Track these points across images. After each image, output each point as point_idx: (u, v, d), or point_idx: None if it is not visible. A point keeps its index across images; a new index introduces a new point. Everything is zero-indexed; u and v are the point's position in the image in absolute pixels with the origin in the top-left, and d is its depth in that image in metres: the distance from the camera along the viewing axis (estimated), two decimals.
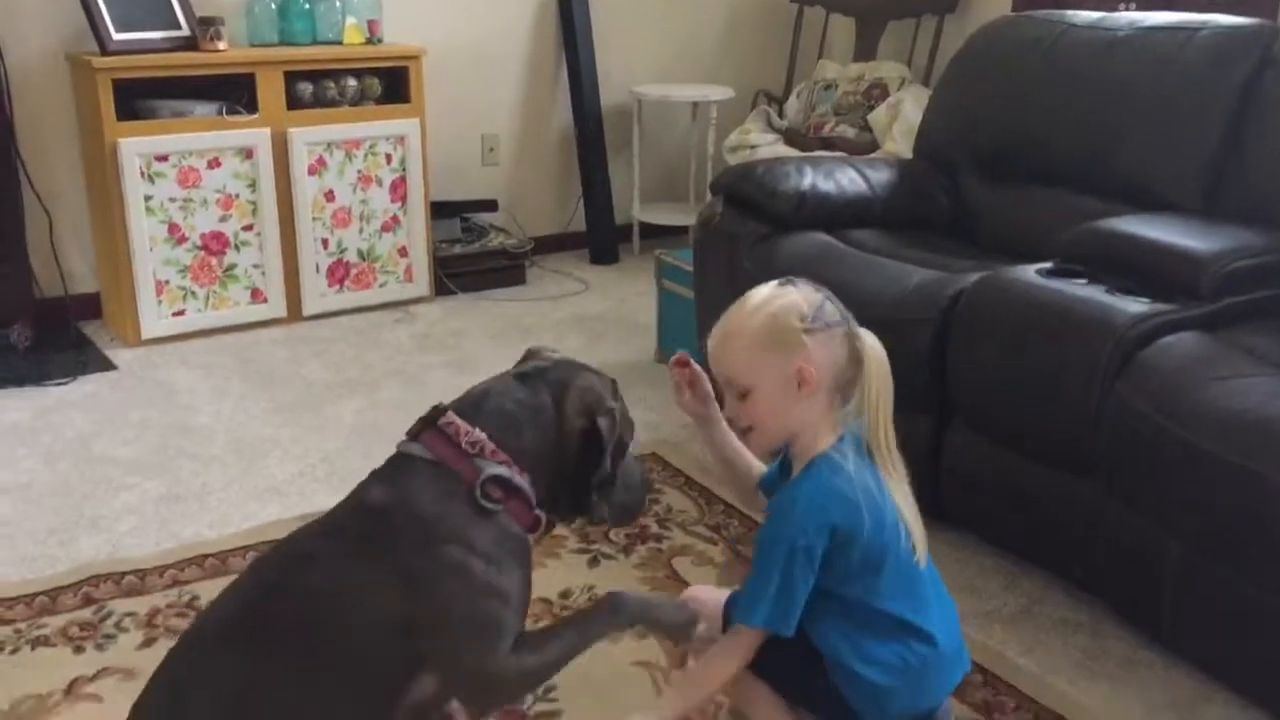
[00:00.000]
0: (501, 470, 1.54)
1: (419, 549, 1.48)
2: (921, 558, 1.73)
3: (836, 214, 3.09)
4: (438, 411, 1.59)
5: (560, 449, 1.60)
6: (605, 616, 1.64)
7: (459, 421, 1.57)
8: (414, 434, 1.58)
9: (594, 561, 2.54)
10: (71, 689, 2.11)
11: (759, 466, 1.92)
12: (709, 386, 1.88)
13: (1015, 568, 2.50)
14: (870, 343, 1.74)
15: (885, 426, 1.73)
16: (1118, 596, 2.31)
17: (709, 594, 1.95)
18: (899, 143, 4.12)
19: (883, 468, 1.73)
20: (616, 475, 1.68)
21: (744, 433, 1.77)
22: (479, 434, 1.56)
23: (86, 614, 2.33)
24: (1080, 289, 2.35)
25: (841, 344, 1.71)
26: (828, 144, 4.34)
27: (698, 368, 1.88)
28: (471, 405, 1.60)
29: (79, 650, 2.22)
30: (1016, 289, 2.42)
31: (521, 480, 1.55)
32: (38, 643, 2.24)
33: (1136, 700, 2.12)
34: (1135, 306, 2.27)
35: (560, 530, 2.65)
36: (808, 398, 1.69)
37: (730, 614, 1.76)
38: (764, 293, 1.73)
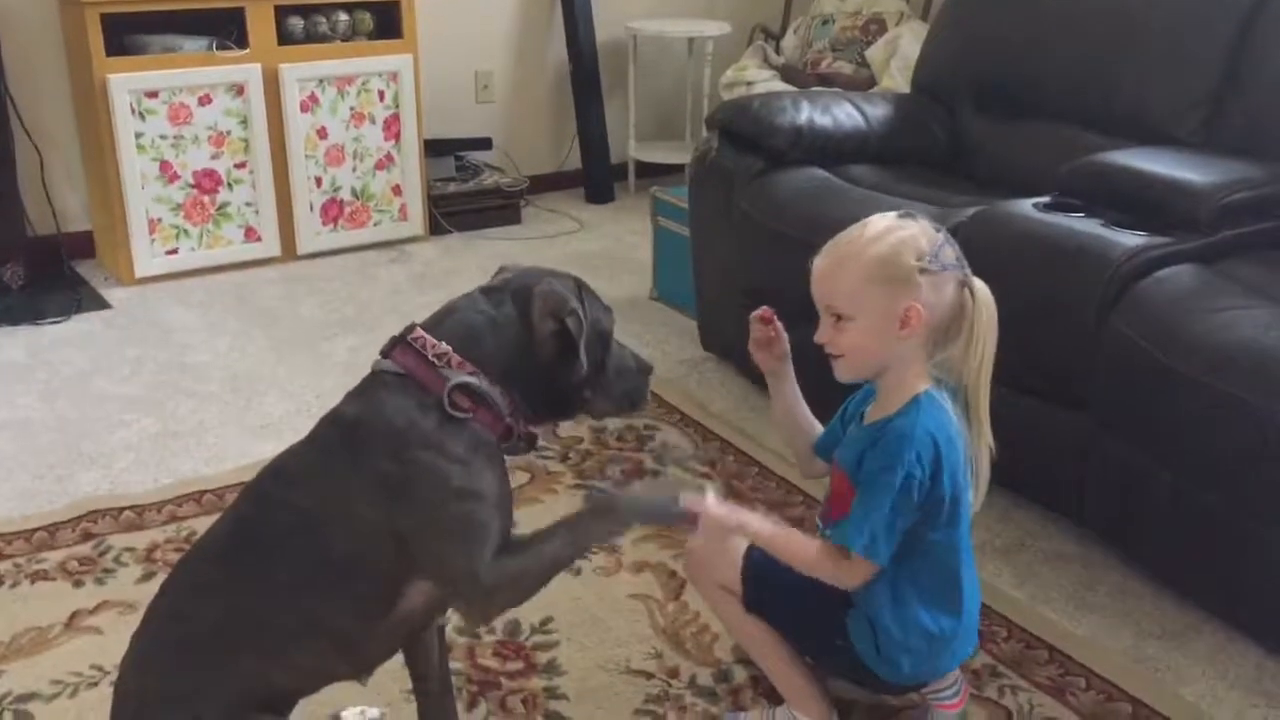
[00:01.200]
0: (469, 379, 1.54)
1: (391, 456, 1.49)
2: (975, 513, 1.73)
3: (833, 149, 3.07)
4: (408, 329, 1.60)
5: (531, 355, 1.59)
6: (599, 518, 1.62)
7: (426, 335, 1.57)
8: (385, 351, 1.60)
9: (590, 498, 2.55)
10: (72, 621, 2.13)
11: (818, 427, 1.89)
12: (787, 345, 1.84)
13: (1008, 501, 2.51)
14: (983, 294, 1.67)
15: (985, 383, 1.68)
16: (1109, 529, 2.33)
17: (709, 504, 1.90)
18: (897, 78, 4.08)
19: (973, 425, 1.70)
20: (607, 366, 1.67)
21: (832, 359, 1.71)
22: (444, 346, 1.56)
23: (85, 549, 2.35)
24: (1077, 222, 2.34)
25: (954, 290, 1.65)
26: (825, 80, 4.30)
27: (779, 325, 1.83)
28: (436, 320, 1.60)
29: (78, 584, 2.24)
30: (1013, 223, 2.41)
31: (489, 388, 1.55)
32: (37, 577, 2.26)
33: (1127, 630, 2.15)
34: (1132, 239, 2.26)
35: (556, 467, 2.67)
36: (908, 338, 1.64)
37: (829, 533, 1.71)
38: (885, 222, 1.66)
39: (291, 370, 3.25)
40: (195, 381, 3.18)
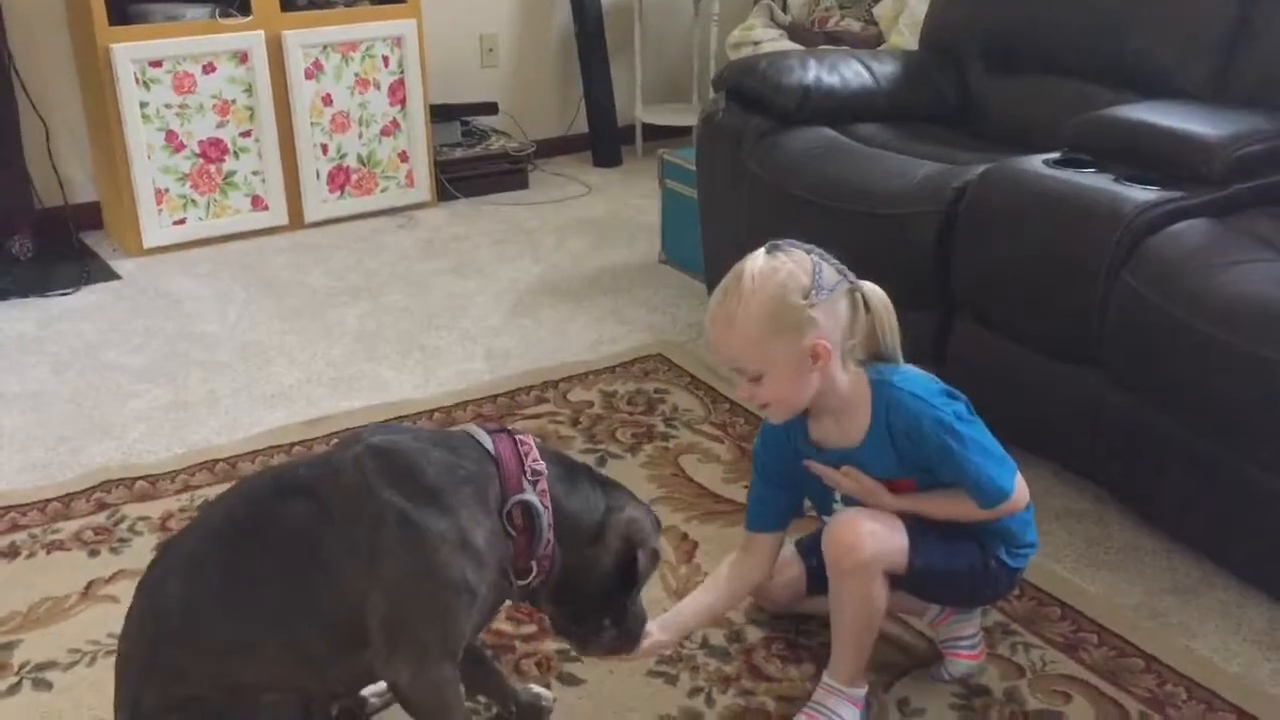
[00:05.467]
0: (539, 505, 1.55)
1: (418, 499, 1.48)
2: None
3: (841, 108, 3.04)
4: (517, 431, 1.63)
5: (587, 552, 1.61)
6: None
7: (534, 448, 1.60)
8: (491, 430, 1.61)
9: (601, 461, 2.55)
10: (88, 591, 2.14)
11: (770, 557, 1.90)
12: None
13: (1019, 459, 2.48)
14: (875, 296, 1.69)
15: (899, 357, 1.74)
16: (1121, 485, 2.33)
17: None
18: (905, 35, 4.04)
19: None
20: (628, 610, 1.69)
21: (762, 408, 1.73)
22: (543, 466, 1.58)
23: (100, 519, 2.36)
24: (1088, 178, 2.32)
25: (844, 301, 1.67)
26: (833, 38, 4.26)
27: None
28: (548, 451, 1.63)
29: (94, 554, 2.25)
30: (1023, 179, 2.39)
31: (546, 529, 1.56)
32: (53, 547, 2.27)
33: (1138, 585, 2.15)
34: (1143, 194, 2.24)
35: (567, 431, 2.67)
36: (825, 368, 1.66)
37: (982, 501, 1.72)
38: (757, 268, 1.64)
39: (301, 339, 3.25)
40: (205, 351, 3.18)
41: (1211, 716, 1.81)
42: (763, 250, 1.67)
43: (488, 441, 1.58)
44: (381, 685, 1.79)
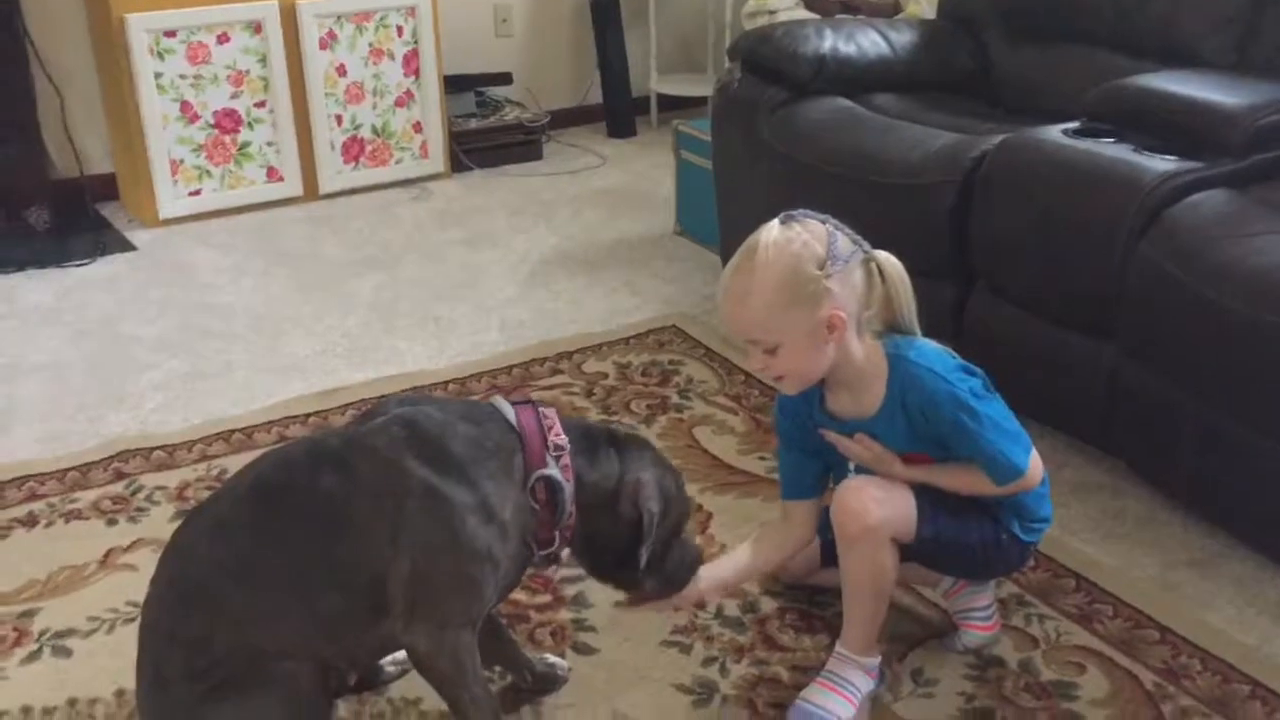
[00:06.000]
0: (561, 480, 1.58)
1: (446, 473, 1.50)
2: None
3: (858, 78, 3.02)
4: (540, 403, 1.65)
5: (609, 512, 1.64)
6: None
7: (557, 421, 1.61)
8: (514, 402, 1.63)
9: None
10: (107, 559, 2.16)
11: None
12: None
13: (1035, 431, 2.46)
14: (890, 266, 1.67)
15: (916, 329, 1.73)
16: (1137, 457, 2.32)
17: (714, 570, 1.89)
18: (923, 4, 3.99)
19: None
20: (668, 556, 1.71)
21: (776, 380, 1.72)
22: (565, 440, 1.60)
23: (118, 488, 2.38)
24: (1107, 148, 2.30)
25: (859, 271, 1.65)
26: (849, 8, 4.22)
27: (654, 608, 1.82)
28: (569, 422, 1.64)
29: (112, 523, 2.27)
30: (1042, 149, 2.37)
31: (569, 500, 1.59)
32: (71, 516, 2.29)
33: (1154, 558, 2.15)
34: (1163, 164, 2.22)
35: (583, 403, 2.68)
36: (840, 339, 1.65)
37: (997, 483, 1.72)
38: (771, 239, 1.62)
39: (316, 310, 3.26)
40: (221, 322, 3.19)
41: (1226, 688, 1.81)
42: (777, 221, 1.66)
43: (511, 414, 1.60)
44: (398, 654, 1.80)
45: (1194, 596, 2.04)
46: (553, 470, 1.57)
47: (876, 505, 1.72)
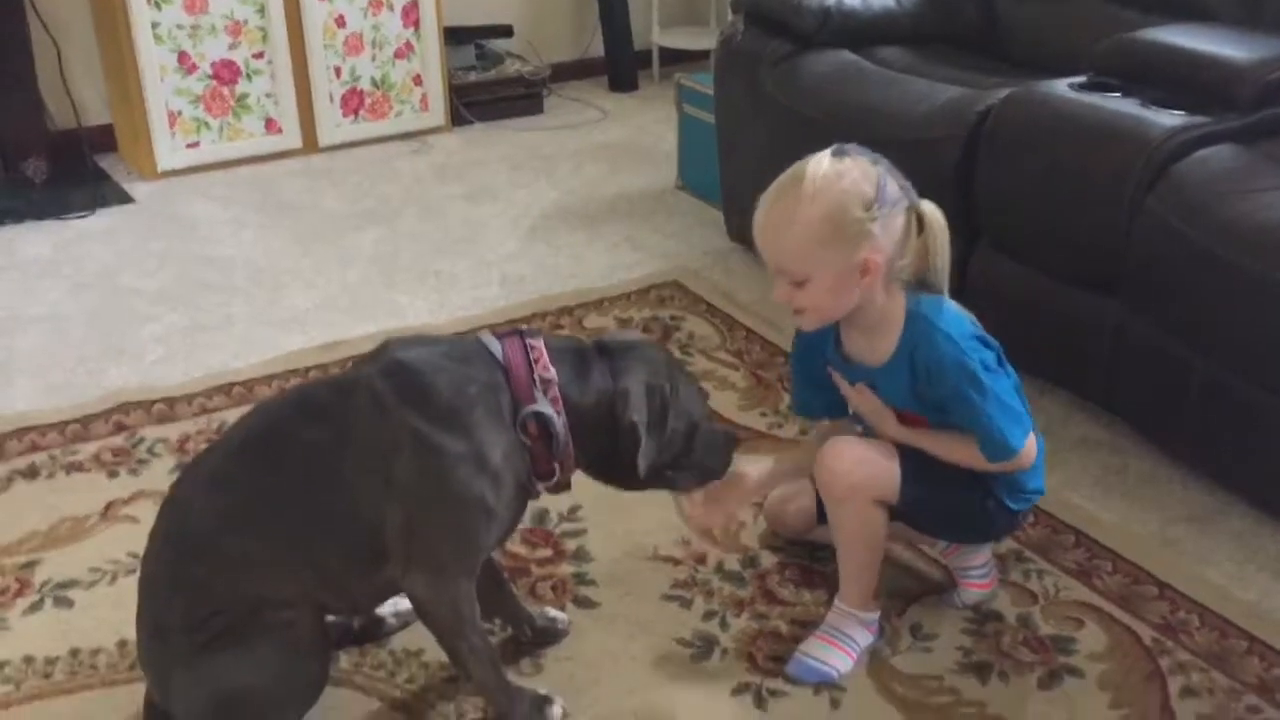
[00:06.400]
0: (551, 414, 1.55)
1: (434, 422, 1.49)
2: None
3: (862, 31, 2.99)
4: (529, 332, 1.61)
5: (605, 439, 1.60)
6: (491, 690, 1.65)
7: (544, 352, 1.57)
8: (501, 334, 1.60)
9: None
10: (108, 511, 2.16)
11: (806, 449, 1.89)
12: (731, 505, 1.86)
13: (1037, 388, 2.49)
14: (933, 216, 1.64)
15: (945, 286, 1.70)
16: (1139, 414, 2.32)
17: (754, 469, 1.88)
18: None
19: None
20: (693, 447, 1.68)
21: (795, 313, 1.69)
22: (553, 373, 1.56)
23: (119, 440, 2.38)
24: (1114, 102, 2.28)
25: (903, 218, 1.62)
26: None
27: (716, 509, 1.83)
28: (559, 348, 1.61)
29: (113, 475, 2.27)
30: (1048, 103, 2.35)
31: (562, 431, 1.56)
32: (72, 468, 2.29)
33: (1154, 514, 2.15)
34: (1170, 119, 2.20)
35: None
36: (870, 284, 1.62)
37: (989, 456, 1.70)
38: (821, 171, 1.58)
39: (316, 263, 3.24)
40: (220, 275, 3.18)
41: (1224, 643, 1.82)
42: (828, 152, 1.61)
43: (498, 349, 1.57)
44: (399, 606, 1.81)
45: (1193, 552, 2.05)
46: (542, 406, 1.55)
47: (858, 466, 1.73)
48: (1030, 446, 1.71)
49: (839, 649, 1.78)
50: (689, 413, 1.67)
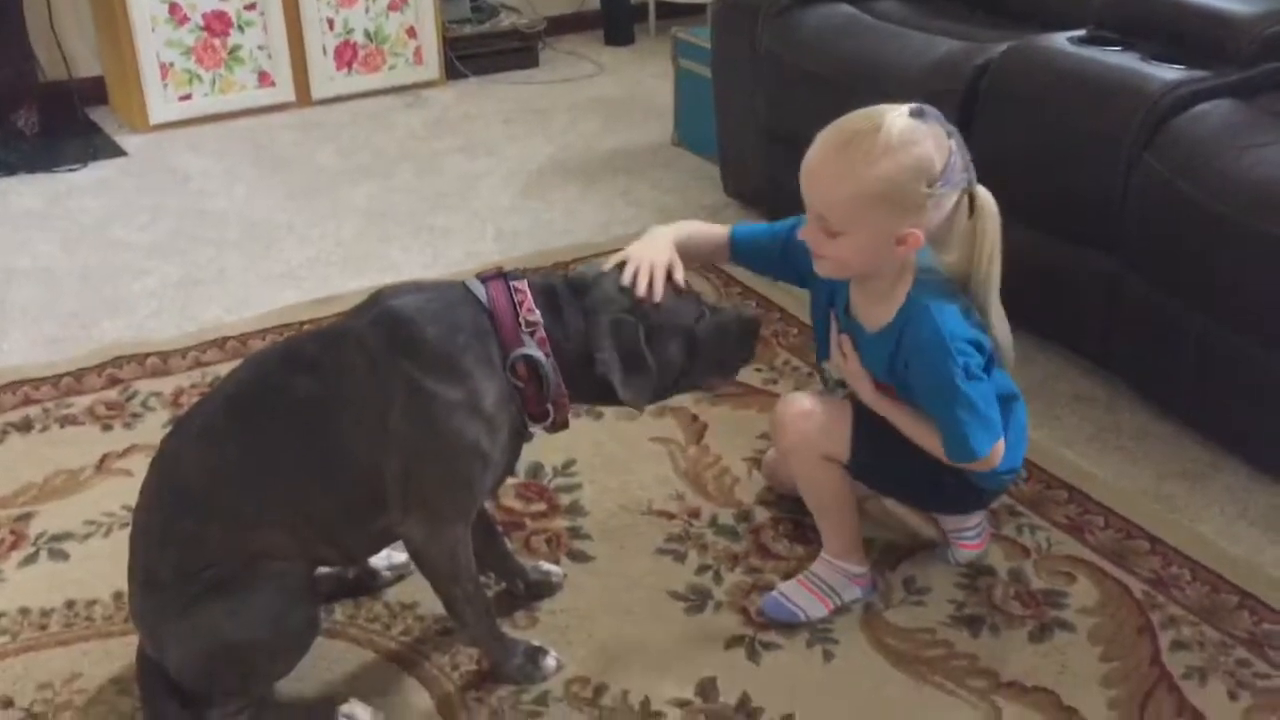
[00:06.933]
0: (539, 356, 1.54)
1: (428, 369, 1.49)
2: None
3: None
4: (513, 274, 1.59)
5: (592, 375, 1.57)
6: (484, 639, 1.67)
7: (528, 294, 1.56)
8: (485, 277, 1.58)
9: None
10: (102, 464, 2.16)
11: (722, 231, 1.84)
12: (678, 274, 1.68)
13: (1032, 344, 2.49)
14: (986, 202, 1.61)
15: (995, 276, 1.65)
16: (1134, 370, 2.32)
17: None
18: None
19: (980, 309, 1.68)
20: (698, 353, 1.64)
21: (816, 256, 1.65)
22: (538, 315, 1.55)
23: (112, 394, 2.37)
24: (1113, 56, 2.27)
25: (955, 200, 1.58)
26: None
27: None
28: (537, 287, 1.58)
29: (107, 428, 2.27)
30: (1047, 57, 2.33)
31: (552, 373, 1.55)
32: (66, 421, 2.29)
33: (1147, 470, 2.15)
34: (1170, 73, 2.19)
35: None
36: (902, 256, 1.60)
37: (952, 457, 1.67)
38: (898, 129, 1.52)
39: (310, 217, 3.23)
40: (214, 229, 3.16)
41: (1215, 598, 1.83)
42: (907, 109, 1.56)
43: (483, 294, 1.56)
44: (393, 559, 1.82)
45: (1185, 508, 2.05)
46: (530, 348, 1.54)
47: (805, 420, 1.75)
48: (997, 452, 1.66)
49: (814, 595, 1.79)
50: (677, 325, 1.63)
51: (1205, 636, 1.76)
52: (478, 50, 4.36)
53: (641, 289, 1.60)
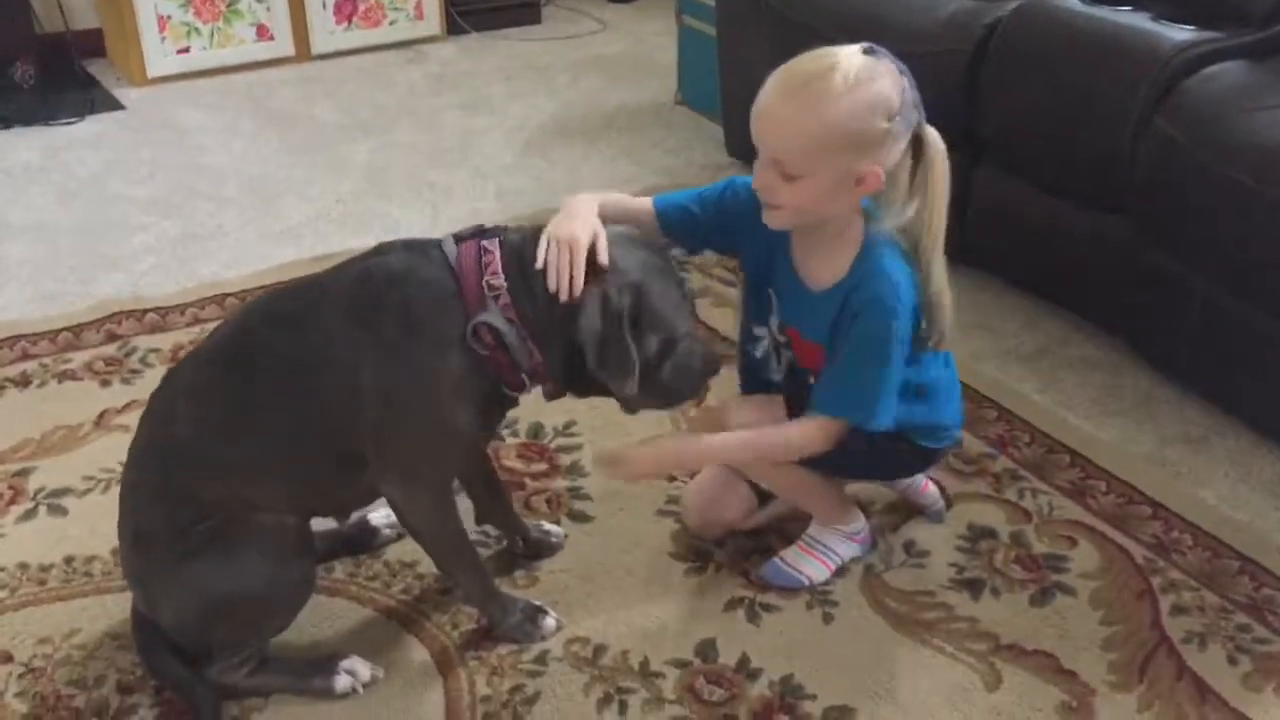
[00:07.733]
0: (500, 325, 1.47)
1: (396, 327, 1.47)
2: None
3: None
4: (492, 232, 1.53)
5: (571, 334, 1.49)
6: (481, 597, 1.67)
7: (497, 257, 1.49)
8: (461, 237, 1.53)
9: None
10: (101, 420, 2.15)
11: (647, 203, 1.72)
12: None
13: (1037, 308, 2.48)
14: (935, 144, 1.53)
15: (940, 227, 1.57)
16: (1138, 335, 2.30)
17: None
18: None
19: (925, 264, 1.58)
20: (662, 368, 1.53)
21: (767, 207, 1.57)
22: (502, 280, 1.48)
23: (111, 350, 2.36)
24: (1124, 16, 2.24)
25: (907, 140, 1.52)
26: None
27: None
28: (515, 251, 1.51)
29: (105, 384, 2.25)
30: (1057, 16, 2.30)
31: (517, 341, 1.48)
32: (64, 377, 2.28)
33: (1150, 434, 2.15)
34: (1181, 34, 2.16)
35: None
36: (859, 196, 1.54)
37: (820, 408, 1.61)
38: (854, 65, 1.46)
39: (309, 174, 3.20)
40: (212, 185, 3.14)
41: (1216, 563, 1.83)
42: (858, 48, 1.50)
43: (454, 254, 1.51)
44: (393, 517, 1.81)
45: (1188, 473, 2.05)
46: (490, 315, 1.47)
47: (711, 509, 1.84)
48: (833, 440, 1.61)
49: (815, 558, 1.79)
50: (668, 325, 1.53)
51: (1206, 601, 1.76)
52: (479, 6, 4.31)
53: (553, 283, 1.48)
